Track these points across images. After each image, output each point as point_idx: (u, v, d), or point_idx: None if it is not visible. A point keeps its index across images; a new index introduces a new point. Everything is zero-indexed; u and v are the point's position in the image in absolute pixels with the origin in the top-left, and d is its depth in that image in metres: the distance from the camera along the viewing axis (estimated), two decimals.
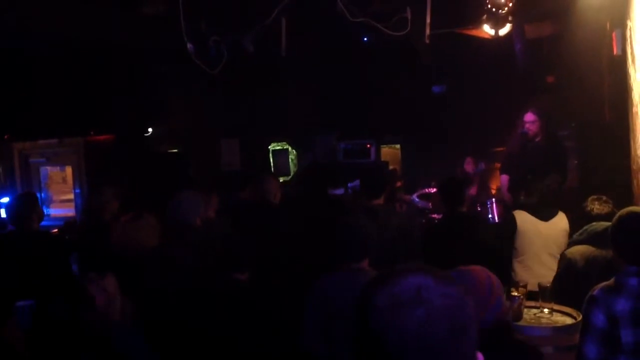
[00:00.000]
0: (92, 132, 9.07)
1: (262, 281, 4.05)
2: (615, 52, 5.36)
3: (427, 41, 6.52)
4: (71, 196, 9.08)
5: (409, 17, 6.37)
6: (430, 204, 8.34)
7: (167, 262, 4.12)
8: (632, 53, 4.88)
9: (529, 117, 6.99)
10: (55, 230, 6.91)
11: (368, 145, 10.45)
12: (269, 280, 4.37)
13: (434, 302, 1.19)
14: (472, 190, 8.44)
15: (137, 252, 4.26)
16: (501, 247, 5.30)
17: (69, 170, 9.21)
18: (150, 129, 9.97)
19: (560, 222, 5.32)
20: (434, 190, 8.37)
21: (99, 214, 5.47)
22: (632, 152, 5.02)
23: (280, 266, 4.75)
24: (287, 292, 4.07)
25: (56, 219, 8.57)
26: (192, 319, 3.64)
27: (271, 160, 11.40)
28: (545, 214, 5.31)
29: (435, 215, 7.79)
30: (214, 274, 3.83)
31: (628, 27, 4.97)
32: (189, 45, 6.28)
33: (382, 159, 10.68)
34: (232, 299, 3.66)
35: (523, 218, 5.35)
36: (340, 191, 7.75)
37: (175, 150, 10.36)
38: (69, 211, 8.97)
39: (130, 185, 7.30)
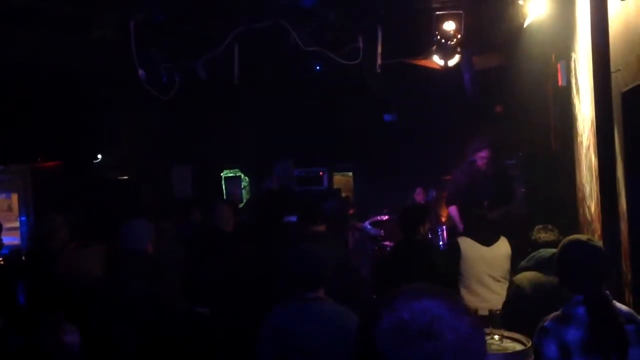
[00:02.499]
0: (39, 159, 8.87)
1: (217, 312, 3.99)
2: (560, 84, 5.51)
3: (379, 70, 6.62)
4: (17, 224, 8.84)
5: (361, 47, 6.46)
6: (382, 232, 8.39)
7: (116, 290, 4.03)
8: (576, 84, 5.02)
9: (484, 153, 7.14)
10: (0, 258, 6.70)
11: (321, 173, 10.48)
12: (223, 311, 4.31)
13: (445, 336, 1.17)
14: None
15: (84, 281, 4.16)
16: (452, 273, 5.37)
17: (14, 197, 8.98)
18: (99, 156, 9.81)
19: (502, 246, 5.48)
20: (386, 217, 8.44)
21: (48, 242, 5.31)
22: (578, 181, 5.14)
23: (234, 296, 4.69)
24: (241, 323, 4.01)
25: None
26: (142, 347, 3.57)
27: (223, 187, 11.33)
28: (487, 239, 5.47)
29: (387, 243, 7.84)
30: (166, 303, 3.77)
31: (572, 59, 5.12)
32: (140, 71, 6.23)
33: (335, 187, 10.71)
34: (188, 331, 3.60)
35: (466, 244, 5.50)
36: (293, 218, 7.72)
37: (125, 177, 10.20)
38: (14, 239, 8.72)
39: (78, 213, 7.15)
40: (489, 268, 5.38)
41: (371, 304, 1.27)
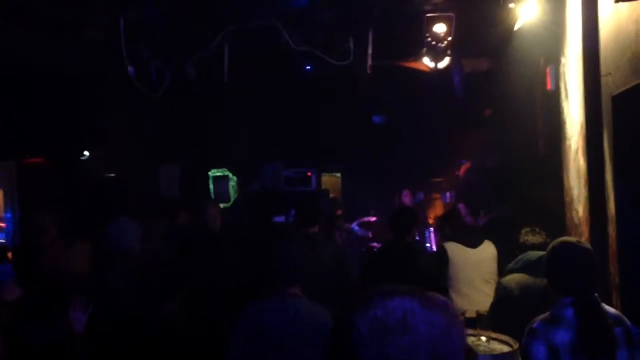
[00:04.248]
0: (26, 155, 8.80)
1: (198, 309, 3.97)
2: (549, 88, 5.53)
3: (369, 72, 6.62)
4: (2, 222, 8.77)
5: (352, 48, 6.46)
6: (370, 233, 8.39)
7: (103, 288, 4.00)
8: (565, 88, 5.04)
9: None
10: None
11: (309, 174, 10.46)
12: (206, 308, 4.29)
13: (418, 329, 1.18)
14: None
15: (70, 279, 4.12)
16: (438, 276, 5.39)
17: (0, 194, 8.90)
18: (86, 153, 9.74)
19: (488, 248, 5.53)
20: (374, 219, 8.44)
21: (37, 240, 5.25)
22: (565, 185, 5.16)
23: (219, 293, 4.68)
24: (224, 320, 4.01)
25: None
26: (124, 346, 3.55)
27: (211, 186, 11.28)
28: (473, 241, 5.52)
29: (375, 244, 7.84)
30: (151, 301, 3.76)
31: (561, 64, 5.14)
32: (130, 69, 6.20)
33: (323, 187, 10.70)
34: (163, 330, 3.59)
35: (453, 248, 5.53)
36: (281, 219, 7.71)
37: (112, 175, 10.13)
38: None
39: (64, 210, 7.09)
40: (477, 270, 5.41)
41: (346, 305, 1.28)
